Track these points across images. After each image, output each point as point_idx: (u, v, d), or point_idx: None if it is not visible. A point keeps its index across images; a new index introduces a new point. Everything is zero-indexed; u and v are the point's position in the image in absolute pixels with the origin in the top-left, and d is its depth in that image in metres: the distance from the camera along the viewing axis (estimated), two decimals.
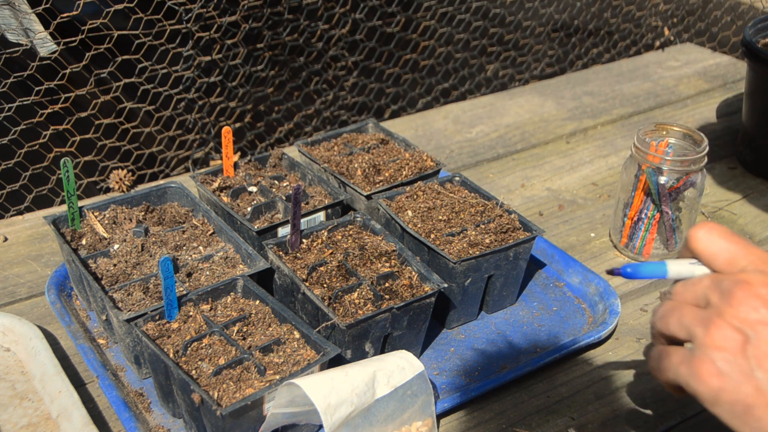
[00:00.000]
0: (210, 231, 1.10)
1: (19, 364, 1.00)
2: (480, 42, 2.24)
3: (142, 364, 0.98)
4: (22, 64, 1.46)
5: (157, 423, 0.93)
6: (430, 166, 1.23)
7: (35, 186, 1.53)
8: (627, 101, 1.74)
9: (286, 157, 1.24)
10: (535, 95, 1.77)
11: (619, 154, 1.54)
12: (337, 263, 1.02)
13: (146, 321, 0.93)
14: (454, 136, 1.61)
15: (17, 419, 0.92)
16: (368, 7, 1.99)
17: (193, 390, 0.84)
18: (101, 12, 1.48)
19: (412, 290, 0.99)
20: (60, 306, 1.06)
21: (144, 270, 1.02)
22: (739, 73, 1.87)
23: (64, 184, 1.06)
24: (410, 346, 1.01)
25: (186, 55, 1.71)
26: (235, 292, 0.99)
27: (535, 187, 1.43)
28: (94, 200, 1.32)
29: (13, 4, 1.36)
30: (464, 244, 1.05)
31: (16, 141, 1.47)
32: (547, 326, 1.10)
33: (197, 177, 1.18)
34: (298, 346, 0.92)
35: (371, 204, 1.15)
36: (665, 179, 1.16)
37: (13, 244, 1.26)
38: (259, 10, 1.98)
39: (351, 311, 0.95)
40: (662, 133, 1.22)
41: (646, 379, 1.02)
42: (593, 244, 1.28)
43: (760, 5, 2.26)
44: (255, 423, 0.86)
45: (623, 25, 2.37)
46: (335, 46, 2.11)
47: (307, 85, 2.15)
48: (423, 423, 0.90)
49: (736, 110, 1.70)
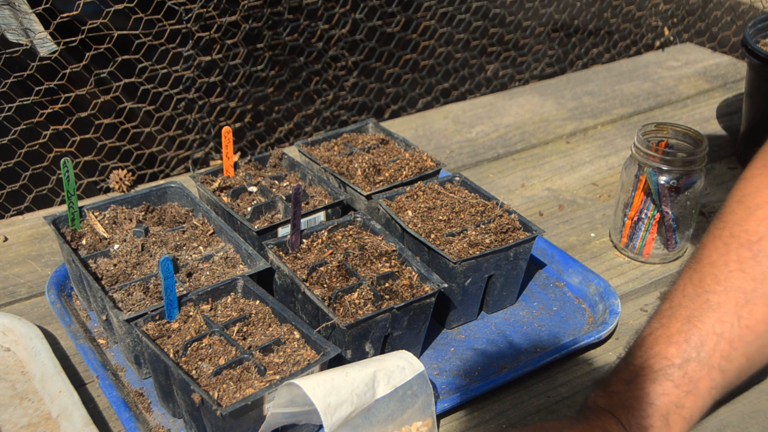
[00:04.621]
0: (210, 231, 1.10)
1: (19, 364, 1.00)
2: (480, 42, 2.24)
3: (142, 364, 0.98)
4: (22, 64, 1.46)
5: (157, 423, 0.93)
6: (430, 166, 1.23)
7: (35, 186, 1.53)
8: (627, 101, 1.74)
9: (286, 157, 1.24)
10: (535, 95, 1.77)
11: (619, 154, 1.54)
12: (337, 263, 1.02)
13: (146, 321, 0.93)
14: (454, 136, 1.61)
15: (17, 419, 0.92)
16: (368, 7, 1.99)
17: (193, 390, 0.84)
18: (101, 12, 1.48)
19: (412, 290, 0.99)
20: (60, 306, 1.06)
21: (144, 270, 1.02)
22: (739, 73, 1.87)
23: (64, 184, 1.06)
24: (410, 346, 1.01)
25: (186, 55, 1.71)
26: (235, 292, 0.99)
27: (535, 187, 1.43)
28: (94, 200, 1.32)
29: (13, 4, 1.36)
30: (464, 244, 1.05)
31: (16, 141, 1.47)
32: (547, 326, 1.10)
33: (197, 177, 1.18)
34: (298, 346, 0.92)
35: (371, 204, 1.15)
36: (665, 179, 1.16)
37: (13, 244, 1.26)
38: (259, 10, 1.98)
39: (351, 311, 0.95)
40: (662, 133, 1.22)
41: None
42: (593, 244, 1.28)
43: (760, 5, 2.26)
44: (255, 423, 0.86)
45: (623, 25, 2.37)
46: (335, 46, 2.11)
47: (307, 85, 2.15)
48: (423, 423, 0.90)
49: (736, 110, 1.70)
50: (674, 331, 0.86)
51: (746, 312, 0.85)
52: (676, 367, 0.85)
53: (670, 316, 0.88)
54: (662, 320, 0.88)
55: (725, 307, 0.86)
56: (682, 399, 0.84)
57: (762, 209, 0.88)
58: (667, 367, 0.85)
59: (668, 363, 0.85)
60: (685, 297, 0.88)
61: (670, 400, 0.84)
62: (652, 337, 0.88)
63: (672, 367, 0.85)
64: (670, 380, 0.84)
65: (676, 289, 0.90)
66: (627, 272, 1.22)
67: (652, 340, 0.87)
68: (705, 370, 0.84)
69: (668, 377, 0.84)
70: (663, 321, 0.88)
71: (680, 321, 0.87)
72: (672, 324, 0.87)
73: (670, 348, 0.86)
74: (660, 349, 0.86)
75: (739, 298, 0.85)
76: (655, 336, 0.88)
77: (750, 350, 0.86)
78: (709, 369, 0.85)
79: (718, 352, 0.85)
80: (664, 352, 0.86)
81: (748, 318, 0.85)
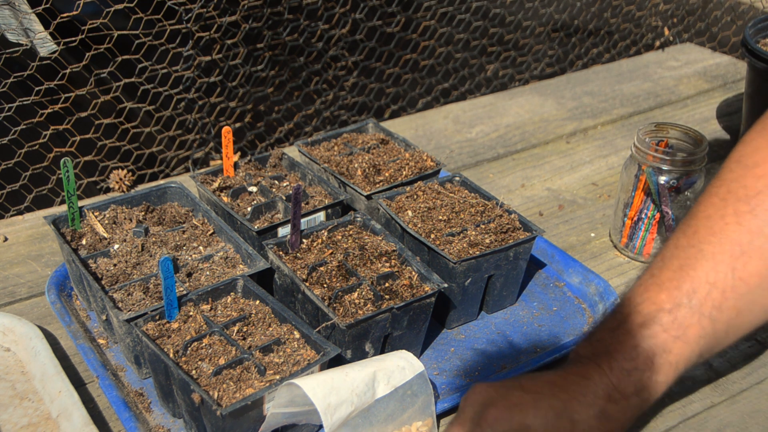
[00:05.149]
0: (210, 231, 1.10)
1: (19, 364, 1.00)
2: (480, 42, 2.25)
3: (142, 364, 0.98)
4: (22, 64, 1.46)
5: (157, 423, 0.93)
6: (430, 166, 1.23)
7: (35, 186, 1.54)
8: (627, 101, 1.74)
9: (286, 157, 1.24)
10: (535, 95, 1.77)
11: (619, 154, 1.54)
12: (337, 263, 1.02)
13: (146, 321, 0.93)
14: (454, 136, 1.61)
15: (17, 419, 0.92)
16: (368, 7, 1.99)
17: (193, 390, 0.84)
18: (101, 12, 1.48)
19: (412, 290, 0.99)
20: (60, 306, 1.06)
21: (144, 270, 1.02)
22: (739, 73, 1.87)
23: (64, 184, 1.06)
24: (410, 346, 1.01)
25: (186, 55, 1.71)
26: (235, 292, 0.99)
27: (535, 187, 1.44)
28: (94, 200, 1.32)
29: (13, 4, 1.36)
30: (464, 244, 1.05)
31: (16, 141, 1.47)
32: (548, 326, 1.10)
33: (197, 177, 1.18)
34: (298, 346, 0.92)
35: (371, 204, 1.15)
36: (665, 179, 1.16)
37: (13, 244, 1.26)
38: (259, 10, 1.98)
39: (351, 311, 0.95)
40: (662, 133, 1.22)
41: None
42: (593, 244, 1.28)
43: (760, 5, 2.26)
44: (255, 423, 0.86)
45: (623, 25, 2.37)
46: (335, 46, 2.11)
47: (307, 85, 2.15)
48: (423, 423, 0.90)
49: (736, 110, 1.70)
50: (665, 279, 0.84)
51: (741, 264, 0.83)
52: (666, 311, 0.82)
53: (662, 266, 0.85)
54: (653, 271, 0.86)
55: (719, 257, 0.83)
56: (669, 344, 0.81)
57: (760, 167, 0.86)
58: (656, 312, 0.82)
59: (657, 308, 0.82)
60: (677, 248, 0.86)
61: (657, 343, 0.81)
62: (642, 287, 0.85)
63: (662, 311, 0.82)
64: (659, 324, 0.82)
65: (669, 243, 0.87)
66: (627, 272, 1.22)
67: (641, 289, 0.85)
68: (696, 317, 0.82)
69: (656, 321, 0.82)
70: (654, 272, 0.86)
71: (672, 270, 0.84)
72: (663, 273, 0.84)
73: (660, 294, 0.83)
74: (650, 295, 0.83)
75: (734, 250, 0.83)
76: (645, 285, 0.85)
77: (741, 303, 0.83)
78: (699, 316, 0.82)
79: (710, 300, 0.82)
80: (654, 298, 0.83)
81: (742, 270, 0.83)
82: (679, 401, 0.98)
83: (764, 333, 1.09)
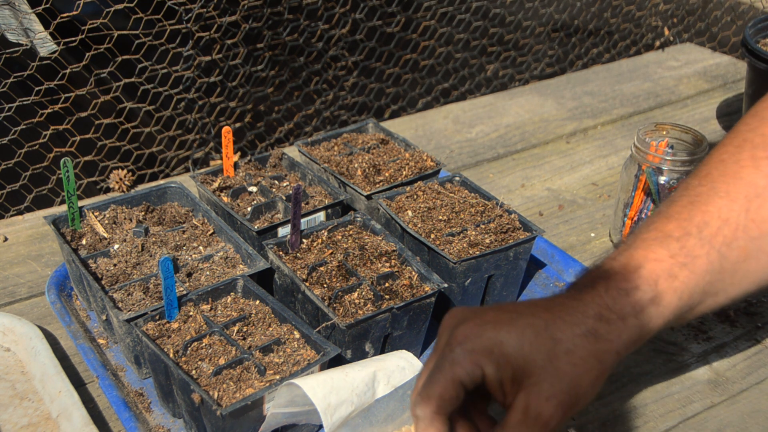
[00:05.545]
0: (210, 231, 1.10)
1: (19, 364, 1.00)
2: (480, 42, 2.25)
3: (142, 364, 0.98)
4: (22, 64, 1.46)
5: (157, 423, 0.93)
6: (430, 166, 1.23)
7: (35, 186, 1.54)
8: (627, 101, 1.74)
9: (286, 157, 1.24)
10: (535, 95, 1.77)
11: (619, 154, 1.54)
12: (337, 263, 1.02)
13: (146, 321, 0.93)
14: (454, 136, 1.61)
15: (17, 419, 0.92)
16: (368, 7, 1.99)
17: (193, 390, 0.84)
18: (101, 12, 1.48)
19: (412, 290, 0.99)
20: (60, 306, 1.06)
21: (144, 270, 1.02)
22: (739, 73, 1.87)
23: (64, 184, 1.06)
24: (410, 346, 1.01)
25: (186, 55, 1.71)
26: (235, 292, 0.99)
27: (535, 187, 1.44)
28: (94, 200, 1.32)
29: (13, 4, 1.36)
30: (464, 244, 1.05)
31: (16, 141, 1.47)
32: None
33: (197, 177, 1.19)
34: (298, 346, 0.92)
35: (371, 204, 1.15)
36: (665, 179, 1.16)
37: (13, 244, 1.26)
38: (259, 10, 1.98)
39: (351, 311, 0.95)
40: (662, 133, 1.22)
41: (646, 379, 1.02)
42: (593, 244, 1.28)
43: (760, 5, 2.26)
44: (255, 423, 0.86)
45: (623, 25, 2.37)
46: (335, 46, 2.11)
47: (307, 85, 2.16)
48: None
49: (736, 110, 1.70)
50: (674, 212, 0.78)
51: (755, 206, 0.78)
52: (675, 239, 0.76)
53: (670, 203, 0.80)
54: (662, 209, 0.80)
55: (734, 195, 0.78)
56: (676, 270, 0.74)
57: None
58: (664, 237, 0.76)
59: (665, 234, 0.76)
60: (688, 188, 0.80)
61: (663, 267, 0.74)
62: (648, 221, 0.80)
63: (670, 238, 0.76)
64: (666, 249, 0.75)
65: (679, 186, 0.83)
66: None
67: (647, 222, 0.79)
68: (705, 249, 0.76)
69: (663, 245, 0.75)
70: (662, 209, 0.80)
71: (682, 205, 0.79)
72: (672, 207, 0.79)
73: (669, 224, 0.77)
74: (657, 225, 0.78)
75: (749, 192, 0.78)
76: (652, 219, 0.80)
77: (750, 246, 0.78)
78: (709, 248, 0.76)
79: (721, 236, 0.76)
80: (662, 227, 0.77)
81: (756, 213, 0.78)
82: (679, 401, 0.98)
83: (764, 333, 1.09)
